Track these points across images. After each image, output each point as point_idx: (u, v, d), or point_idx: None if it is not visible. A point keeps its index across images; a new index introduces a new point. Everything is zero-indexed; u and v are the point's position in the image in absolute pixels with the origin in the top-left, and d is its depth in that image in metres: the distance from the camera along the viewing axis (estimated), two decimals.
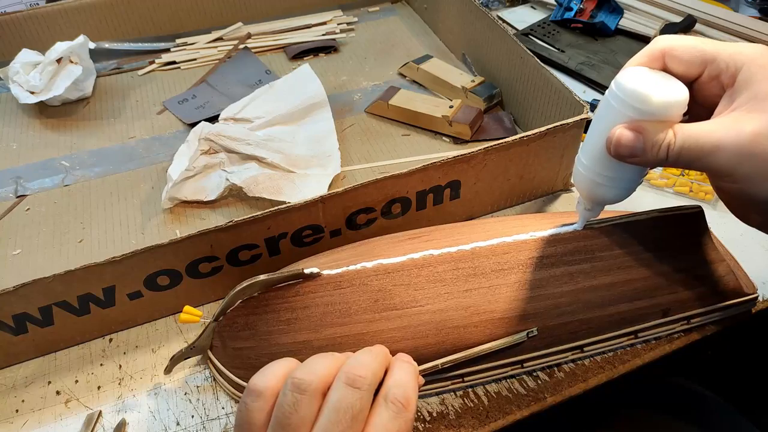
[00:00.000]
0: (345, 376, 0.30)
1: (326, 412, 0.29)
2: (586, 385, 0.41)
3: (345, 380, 0.30)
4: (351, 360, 0.31)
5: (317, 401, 0.30)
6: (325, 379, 0.30)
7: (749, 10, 0.88)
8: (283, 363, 0.32)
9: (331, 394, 0.30)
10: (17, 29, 0.73)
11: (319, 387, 0.30)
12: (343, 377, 0.30)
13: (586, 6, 0.84)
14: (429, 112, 0.65)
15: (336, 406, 0.29)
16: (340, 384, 0.30)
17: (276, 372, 0.31)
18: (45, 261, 0.53)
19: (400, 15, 0.87)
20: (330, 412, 0.29)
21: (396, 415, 0.30)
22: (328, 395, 0.30)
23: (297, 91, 0.68)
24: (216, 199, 0.58)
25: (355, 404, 0.29)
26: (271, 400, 0.30)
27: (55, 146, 0.66)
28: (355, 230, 0.50)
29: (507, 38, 0.64)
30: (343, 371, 0.30)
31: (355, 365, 0.31)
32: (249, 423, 0.30)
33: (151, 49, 0.79)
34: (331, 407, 0.29)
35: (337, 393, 0.30)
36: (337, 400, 0.29)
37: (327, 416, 0.29)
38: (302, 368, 0.31)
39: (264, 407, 0.30)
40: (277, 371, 0.31)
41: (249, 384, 0.31)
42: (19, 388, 0.44)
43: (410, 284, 0.39)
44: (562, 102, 0.56)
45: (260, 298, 0.40)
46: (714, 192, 0.59)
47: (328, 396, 0.30)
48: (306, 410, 0.29)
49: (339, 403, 0.29)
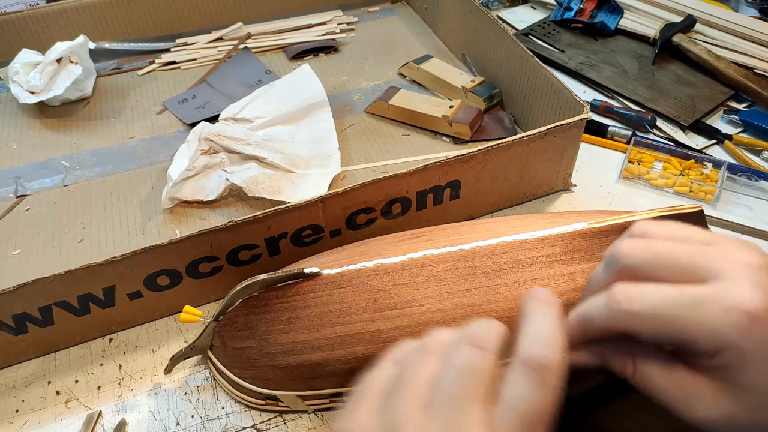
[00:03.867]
0: (467, 336, 0.26)
1: (446, 372, 0.25)
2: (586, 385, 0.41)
3: (466, 341, 0.26)
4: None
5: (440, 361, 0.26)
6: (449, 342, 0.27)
7: (749, 10, 0.88)
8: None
9: (453, 355, 0.26)
10: (17, 29, 0.73)
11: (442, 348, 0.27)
12: (464, 338, 0.26)
13: (586, 6, 0.84)
14: (429, 112, 0.65)
15: (458, 364, 0.25)
16: (461, 345, 0.26)
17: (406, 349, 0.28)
18: (45, 261, 0.53)
19: (400, 15, 0.87)
20: (452, 371, 0.25)
21: (538, 384, 0.24)
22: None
23: (297, 91, 0.68)
24: (216, 199, 0.58)
25: (478, 363, 0.25)
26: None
27: (55, 146, 0.66)
28: (355, 230, 0.50)
29: (507, 38, 0.64)
30: (463, 333, 0.27)
31: (478, 328, 0.27)
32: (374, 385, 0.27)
33: (151, 49, 0.79)
34: (453, 366, 0.25)
35: (459, 353, 0.26)
36: (460, 359, 0.25)
37: (447, 377, 0.25)
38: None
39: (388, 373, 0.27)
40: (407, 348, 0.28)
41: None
42: (19, 388, 0.44)
43: (410, 284, 0.39)
44: (562, 102, 0.56)
45: (260, 297, 0.40)
46: (714, 192, 0.59)
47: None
48: (428, 367, 0.26)
49: (461, 362, 0.25)
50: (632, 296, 0.27)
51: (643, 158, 0.64)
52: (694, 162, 0.62)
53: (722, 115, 0.69)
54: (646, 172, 0.62)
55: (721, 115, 0.70)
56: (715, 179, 0.61)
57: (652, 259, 0.28)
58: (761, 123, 0.66)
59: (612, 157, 0.65)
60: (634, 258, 0.28)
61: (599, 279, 0.30)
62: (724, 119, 0.69)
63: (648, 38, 0.79)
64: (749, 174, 0.61)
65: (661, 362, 0.29)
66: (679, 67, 0.75)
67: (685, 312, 0.26)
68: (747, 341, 0.26)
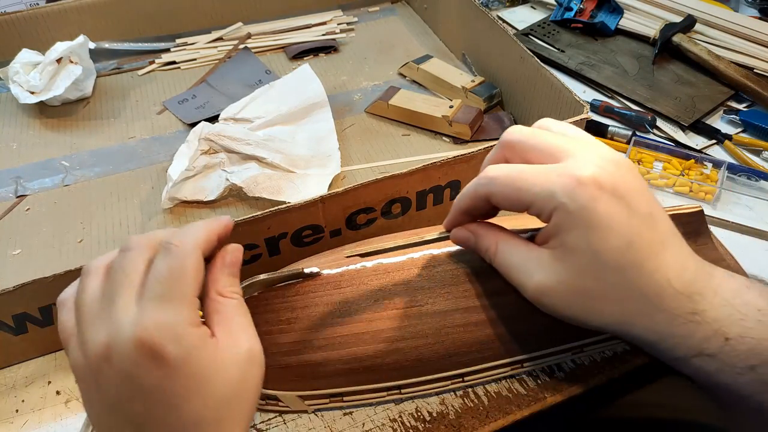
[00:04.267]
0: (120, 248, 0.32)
1: (105, 284, 0.30)
2: (586, 385, 0.41)
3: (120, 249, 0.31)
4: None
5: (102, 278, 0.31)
6: (107, 259, 0.32)
7: (749, 10, 0.88)
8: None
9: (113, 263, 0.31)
10: (17, 29, 0.73)
11: (101, 265, 0.31)
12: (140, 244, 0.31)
13: (586, 6, 0.84)
14: (429, 112, 0.65)
15: (110, 270, 0.30)
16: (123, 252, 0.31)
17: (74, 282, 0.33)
18: (45, 261, 0.53)
19: (400, 15, 0.87)
20: (107, 281, 0.30)
21: (166, 254, 0.30)
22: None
23: (297, 91, 0.68)
24: (216, 199, 0.58)
25: (125, 265, 0.30)
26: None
27: (55, 146, 0.66)
28: (355, 230, 0.50)
29: (507, 38, 0.64)
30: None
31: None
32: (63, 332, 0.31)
33: (151, 49, 0.79)
34: (107, 274, 0.31)
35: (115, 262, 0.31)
36: (113, 264, 0.31)
37: (104, 287, 0.30)
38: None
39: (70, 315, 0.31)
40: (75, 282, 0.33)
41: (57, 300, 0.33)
42: (19, 388, 0.44)
43: (410, 284, 0.39)
44: (562, 102, 0.56)
45: (260, 297, 0.40)
46: (714, 192, 0.59)
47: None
48: (93, 287, 0.31)
49: (113, 268, 0.30)
50: (494, 168, 0.34)
51: (643, 158, 0.64)
52: (694, 162, 0.62)
53: (722, 115, 0.69)
54: (646, 172, 0.62)
55: (721, 115, 0.70)
56: (715, 179, 0.61)
57: (526, 139, 0.34)
58: (761, 123, 0.66)
59: None
60: (512, 137, 0.35)
61: (490, 156, 0.37)
62: (724, 119, 0.69)
63: (648, 38, 0.79)
64: (749, 174, 0.61)
65: (514, 242, 0.35)
66: (679, 67, 0.75)
67: (529, 177, 0.32)
68: (571, 200, 0.31)
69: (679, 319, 0.31)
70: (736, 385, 0.31)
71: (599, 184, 0.31)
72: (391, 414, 0.39)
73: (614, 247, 0.31)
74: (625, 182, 0.32)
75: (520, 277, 0.34)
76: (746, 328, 0.31)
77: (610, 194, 0.31)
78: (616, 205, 0.31)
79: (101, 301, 0.30)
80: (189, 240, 0.31)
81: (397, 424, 0.39)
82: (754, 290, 0.32)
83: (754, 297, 0.32)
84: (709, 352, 0.31)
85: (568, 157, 0.32)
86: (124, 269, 0.30)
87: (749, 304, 0.31)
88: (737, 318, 0.31)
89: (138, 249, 0.31)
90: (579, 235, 0.31)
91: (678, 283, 0.31)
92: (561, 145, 0.33)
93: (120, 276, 0.30)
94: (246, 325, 0.32)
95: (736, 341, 0.31)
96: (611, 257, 0.31)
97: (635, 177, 0.33)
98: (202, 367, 0.29)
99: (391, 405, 0.40)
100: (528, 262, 0.34)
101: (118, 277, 0.30)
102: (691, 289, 0.31)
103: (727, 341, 0.31)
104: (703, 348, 0.31)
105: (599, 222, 0.31)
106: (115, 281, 0.30)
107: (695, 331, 0.31)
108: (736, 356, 0.31)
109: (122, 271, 0.30)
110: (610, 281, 0.32)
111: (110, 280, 0.30)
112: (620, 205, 0.31)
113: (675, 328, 0.32)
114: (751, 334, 0.31)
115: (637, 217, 0.31)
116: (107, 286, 0.30)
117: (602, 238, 0.31)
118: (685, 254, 0.33)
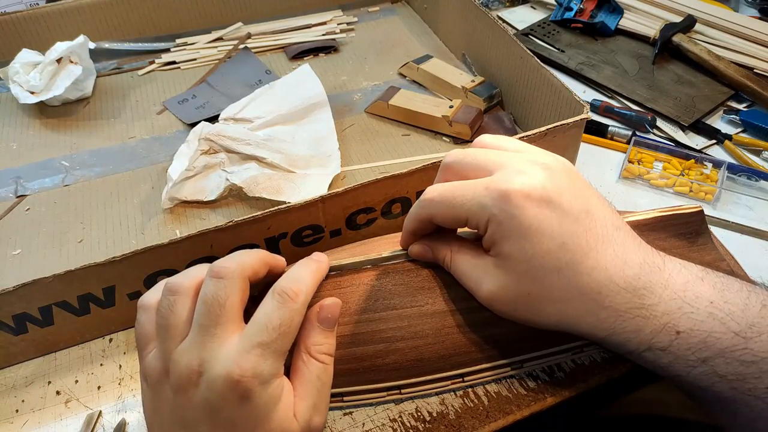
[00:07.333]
0: (210, 270, 0.31)
1: (197, 306, 0.31)
2: (587, 385, 0.41)
3: (210, 274, 0.31)
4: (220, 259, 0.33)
5: (192, 300, 0.31)
6: (197, 279, 0.32)
7: (749, 10, 0.88)
8: (164, 280, 0.33)
9: (201, 289, 0.31)
10: (17, 29, 0.73)
11: (192, 286, 0.32)
12: (209, 272, 0.31)
13: (586, 6, 0.84)
14: (429, 112, 0.65)
15: (203, 298, 0.31)
16: (206, 279, 0.31)
17: (158, 286, 0.33)
18: (45, 261, 0.53)
19: (400, 15, 0.87)
20: (200, 304, 0.31)
21: (280, 305, 0.31)
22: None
23: (297, 91, 0.68)
24: (216, 199, 0.58)
25: (219, 294, 0.30)
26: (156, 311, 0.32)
27: (55, 146, 0.66)
28: (355, 230, 0.50)
29: (507, 38, 0.64)
30: (209, 267, 0.32)
31: (222, 260, 0.32)
32: (142, 335, 0.33)
33: (151, 49, 0.79)
34: (200, 300, 0.31)
35: (204, 287, 0.31)
36: (204, 293, 0.31)
37: (198, 309, 0.31)
38: (176, 275, 0.33)
39: (151, 318, 0.32)
40: (159, 285, 0.33)
41: (138, 302, 0.33)
42: (19, 388, 0.44)
43: (410, 284, 0.39)
44: (562, 102, 0.56)
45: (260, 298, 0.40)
46: (714, 192, 0.59)
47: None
48: (181, 308, 0.31)
49: (205, 295, 0.31)
50: (430, 189, 0.35)
51: (643, 158, 0.64)
52: (694, 162, 0.62)
53: (722, 115, 0.70)
54: (646, 172, 0.62)
55: (721, 115, 0.70)
56: (715, 179, 0.61)
57: (461, 158, 0.35)
58: (761, 123, 0.66)
59: (612, 157, 0.65)
60: (450, 159, 0.36)
61: (435, 180, 0.37)
62: (724, 119, 0.69)
63: (648, 38, 0.79)
64: (749, 174, 0.61)
65: (465, 251, 0.36)
66: (679, 67, 0.75)
67: (461, 193, 0.33)
68: (500, 211, 0.31)
69: (625, 314, 0.31)
70: (690, 377, 0.31)
71: (525, 192, 0.31)
72: (391, 414, 0.39)
73: (547, 250, 0.31)
74: (555, 185, 0.32)
75: (470, 285, 0.36)
76: (697, 321, 0.31)
77: (537, 200, 0.31)
78: (545, 209, 0.31)
79: (192, 324, 0.31)
80: (302, 292, 0.32)
81: (397, 424, 0.39)
82: (707, 282, 0.32)
83: (706, 289, 0.31)
84: (660, 346, 0.31)
85: (499, 169, 0.33)
86: (219, 300, 0.30)
87: (701, 296, 0.31)
88: (687, 311, 0.31)
89: (232, 279, 0.31)
90: (513, 243, 0.32)
91: (620, 279, 0.31)
92: (492, 158, 0.34)
93: (215, 307, 0.30)
94: (322, 397, 0.33)
95: (687, 334, 0.31)
96: (546, 260, 0.31)
97: (569, 178, 0.33)
98: (273, 417, 0.30)
99: (391, 405, 0.40)
100: (476, 270, 0.35)
101: (214, 309, 0.30)
102: (635, 284, 0.31)
103: (679, 335, 0.31)
104: (654, 342, 0.31)
105: (528, 228, 0.31)
106: (211, 312, 0.30)
107: (644, 325, 0.31)
108: (687, 349, 0.31)
109: (217, 302, 0.30)
110: (548, 283, 0.32)
111: (205, 306, 0.31)
112: (549, 208, 0.31)
113: (622, 324, 0.32)
114: (702, 327, 0.30)
115: (570, 217, 0.32)
116: (201, 311, 0.31)
117: (535, 243, 0.31)
118: (629, 248, 0.32)
